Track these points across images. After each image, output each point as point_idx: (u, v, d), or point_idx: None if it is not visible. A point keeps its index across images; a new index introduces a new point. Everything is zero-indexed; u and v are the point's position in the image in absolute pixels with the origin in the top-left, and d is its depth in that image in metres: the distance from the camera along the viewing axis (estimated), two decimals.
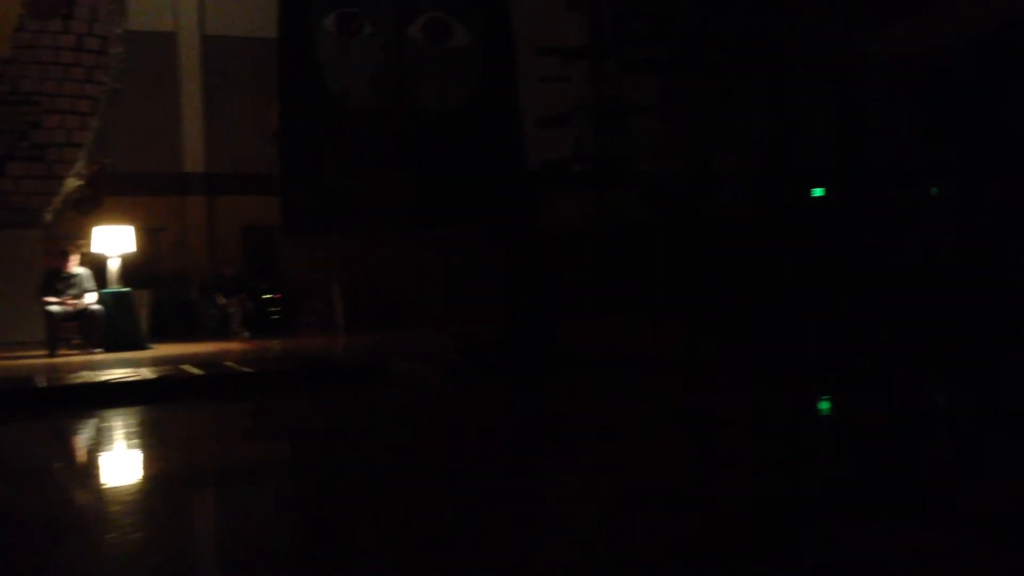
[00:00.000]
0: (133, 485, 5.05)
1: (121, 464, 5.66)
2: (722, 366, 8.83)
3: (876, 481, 4.42)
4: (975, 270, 11.98)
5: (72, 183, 12.75)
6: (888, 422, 5.91)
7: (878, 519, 3.72)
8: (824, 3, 15.52)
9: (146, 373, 8.67)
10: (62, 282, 11.07)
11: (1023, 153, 11.84)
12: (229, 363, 9.40)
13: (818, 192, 15.10)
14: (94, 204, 13.12)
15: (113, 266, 11.71)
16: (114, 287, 11.61)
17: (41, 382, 8.15)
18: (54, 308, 10.88)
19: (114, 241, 11.81)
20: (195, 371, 8.62)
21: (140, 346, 11.47)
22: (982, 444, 5.32)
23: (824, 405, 7.13)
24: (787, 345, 9.90)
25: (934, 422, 6.14)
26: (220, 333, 13.45)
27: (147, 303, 12.57)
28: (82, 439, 6.60)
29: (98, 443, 6.42)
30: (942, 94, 13.65)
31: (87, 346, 11.05)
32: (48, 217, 12.78)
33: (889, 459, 4.93)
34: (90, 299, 11.07)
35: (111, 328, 11.22)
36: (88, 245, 11.91)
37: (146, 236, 13.79)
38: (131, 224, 12.16)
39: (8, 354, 10.96)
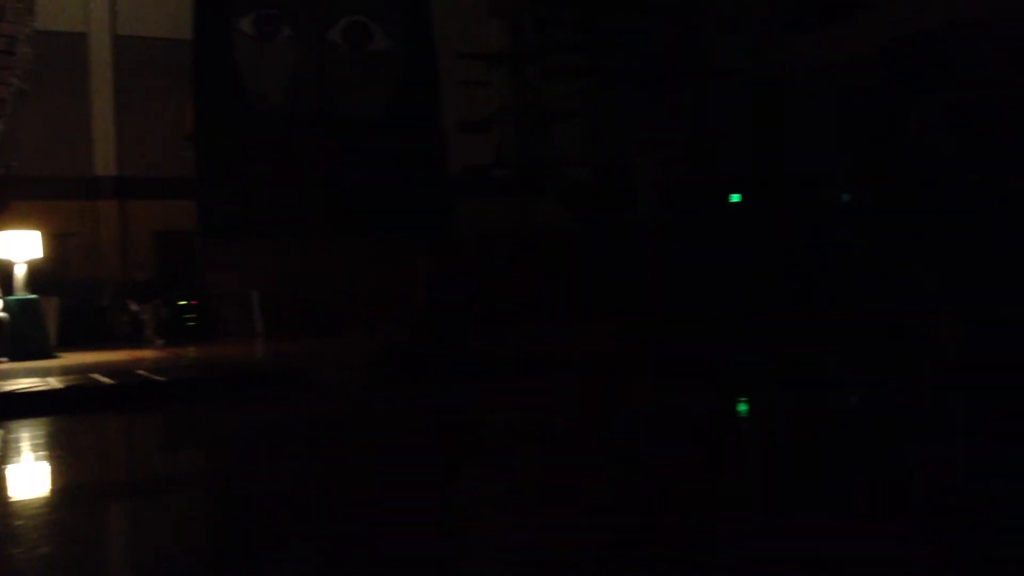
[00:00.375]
0: (39, 499, 4.86)
1: (26, 477, 5.44)
2: (641, 369, 8.93)
3: (790, 480, 4.50)
4: (882, 272, 12.35)
5: None
6: (800, 421, 6.04)
7: (794, 517, 3.78)
8: (741, 12, 15.87)
9: (53, 382, 8.36)
10: None
11: (928, 160, 12.26)
12: (141, 371, 9.13)
13: (735, 198, 15.40)
14: None
15: (19, 272, 11.31)
16: (20, 294, 11.21)
17: None
18: None
19: (20, 246, 11.41)
20: (105, 380, 8.35)
21: (48, 355, 11.08)
22: (892, 443, 5.47)
23: (741, 406, 7.26)
24: (704, 347, 10.05)
25: (846, 421, 6.29)
26: (133, 341, 13.08)
27: (56, 310, 12.16)
28: None
29: (2, 456, 6.17)
30: (854, 103, 14.07)
31: None
32: None
33: (804, 458, 5.03)
34: None
35: (17, 336, 10.83)
36: None
37: (54, 241, 13.34)
38: (38, 229, 11.76)
39: None
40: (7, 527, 4.16)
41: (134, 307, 13.40)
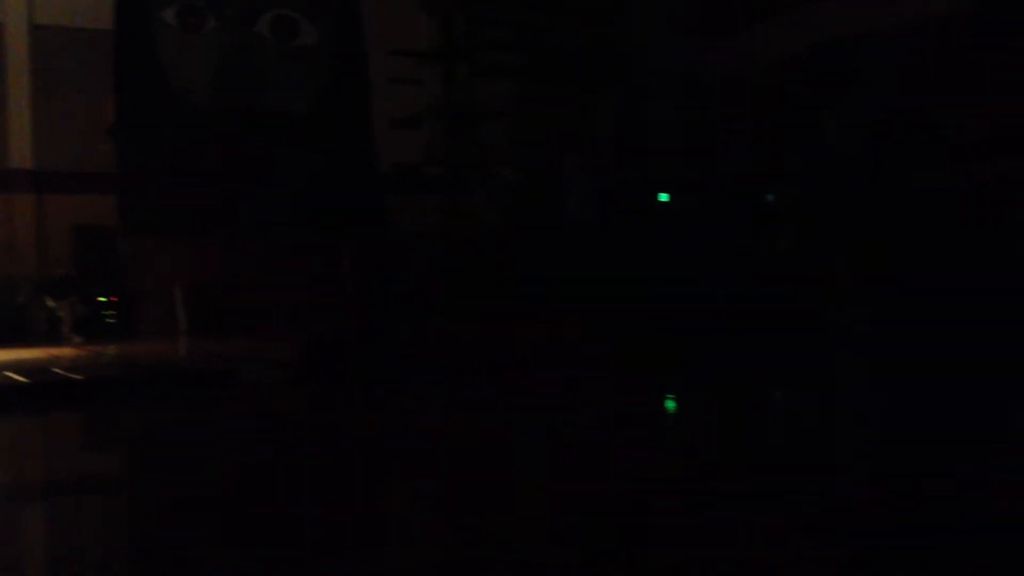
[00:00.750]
0: None
1: None
2: (567, 366, 8.98)
3: (711, 477, 4.57)
4: (805, 270, 12.63)
5: None
6: (721, 419, 6.14)
7: (719, 513, 3.84)
8: (671, 17, 16.09)
9: None
10: None
11: (844, 161, 12.60)
12: (57, 370, 8.87)
13: (663, 197, 15.61)
14: None
15: None
16: None
17: None
18: None
19: None
20: (19, 378, 8.10)
21: None
22: (817, 440, 5.60)
23: (666, 405, 7.35)
24: (634, 344, 10.16)
25: (771, 419, 6.42)
26: (50, 338, 12.72)
27: None
28: None
29: None
30: (776, 106, 14.38)
31: None
32: None
33: (725, 455, 5.11)
34: None
35: None
36: None
37: None
38: None
39: None
40: None
41: (51, 304, 13.03)
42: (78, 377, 8.31)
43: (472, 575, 3.23)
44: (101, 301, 14.02)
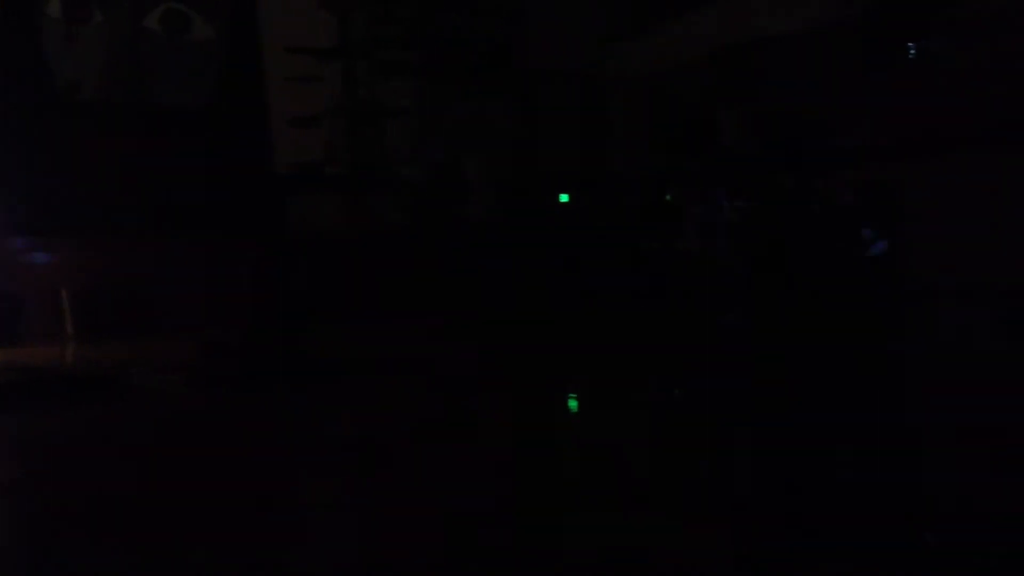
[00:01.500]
0: None
1: None
2: (470, 369, 8.99)
3: (613, 478, 4.64)
4: (702, 270, 12.94)
5: None
6: (618, 421, 6.24)
7: (619, 513, 3.90)
8: (569, 17, 16.26)
9: None
10: None
11: (738, 164, 12.96)
12: None
13: (564, 198, 15.75)
14: None
15: None
16: None
17: None
18: None
19: None
20: None
21: None
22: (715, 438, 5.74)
23: (562, 406, 7.42)
24: (534, 347, 10.23)
25: (666, 420, 6.55)
26: None
27: None
28: None
29: None
30: (674, 107, 14.69)
31: None
32: None
33: (604, 451, 5.20)
34: None
35: None
36: None
37: None
38: None
39: None
40: None
41: None
42: None
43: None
44: None
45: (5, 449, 6.35)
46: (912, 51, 11.77)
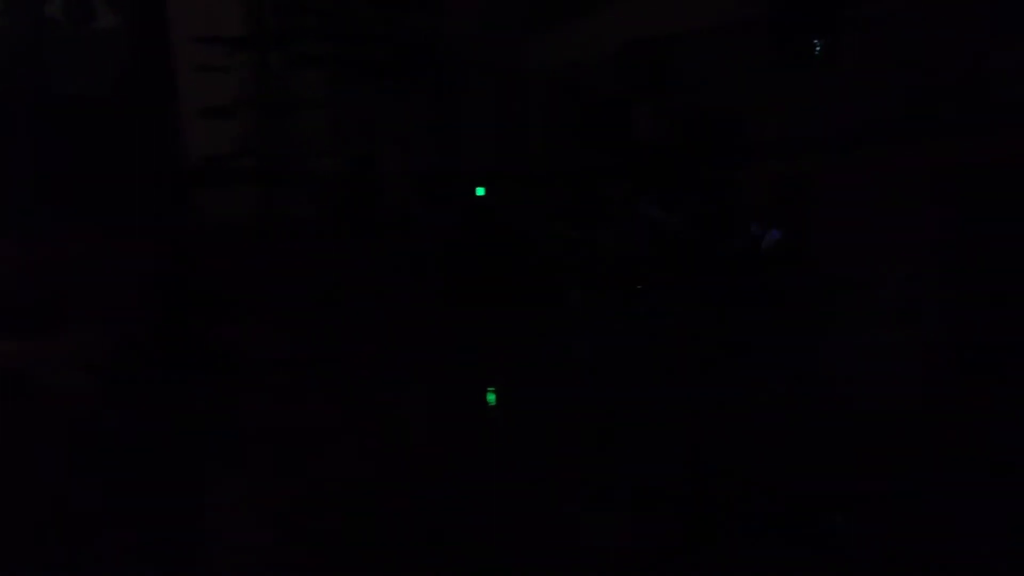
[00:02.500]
0: None
1: None
2: (382, 364, 8.93)
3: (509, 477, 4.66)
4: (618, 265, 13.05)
5: None
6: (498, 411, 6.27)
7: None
8: (487, 10, 16.22)
9: None
10: None
11: (648, 158, 13.12)
12: None
13: (480, 191, 15.72)
14: None
15: None
16: None
17: None
18: None
19: None
20: None
21: None
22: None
23: (477, 401, 7.42)
24: (445, 342, 10.21)
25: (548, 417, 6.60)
26: None
27: None
28: None
29: None
30: (590, 102, 14.78)
31: None
32: None
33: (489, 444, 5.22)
34: None
35: None
36: None
37: None
38: None
39: None
40: None
41: None
42: None
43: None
44: None
45: None
46: (818, 48, 12.07)
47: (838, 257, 10.79)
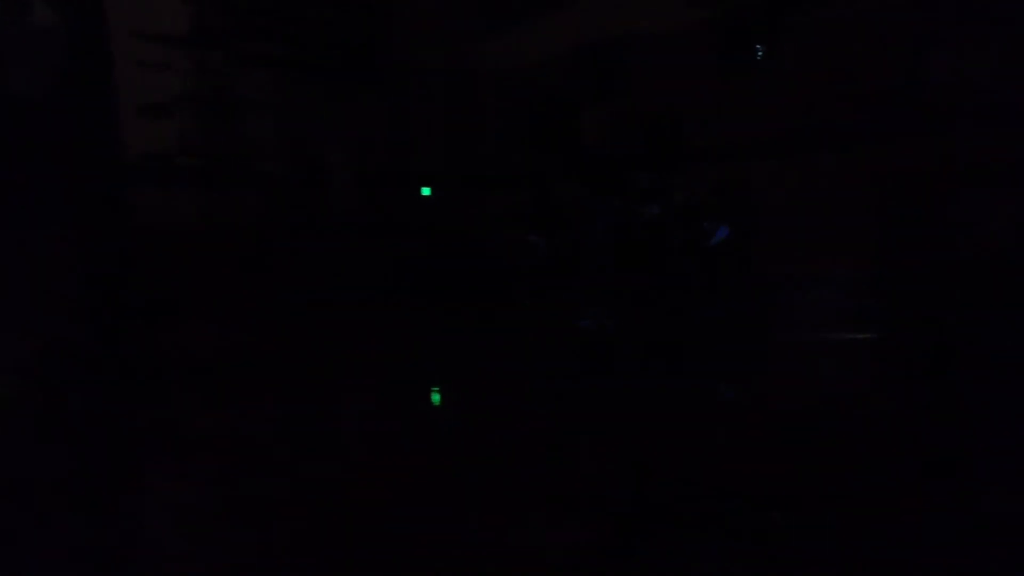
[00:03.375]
0: None
1: None
2: (328, 366, 8.84)
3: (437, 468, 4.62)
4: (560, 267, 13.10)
5: None
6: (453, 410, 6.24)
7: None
8: (437, 12, 16.16)
9: None
10: None
11: (595, 161, 13.19)
12: None
13: (426, 191, 15.67)
14: None
15: None
16: None
17: None
18: None
19: None
20: None
21: None
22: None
23: (423, 402, 7.37)
24: (391, 341, 10.13)
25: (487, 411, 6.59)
26: None
27: None
28: None
29: None
30: (538, 104, 14.81)
31: None
32: None
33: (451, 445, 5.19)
34: None
35: None
36: None
37: None
38: None
39: None
40: None
41: None
42: None
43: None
44: None
45: None
46: (760, 54, 12.22)
47: (779, 255, 10.93)
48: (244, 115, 16.19)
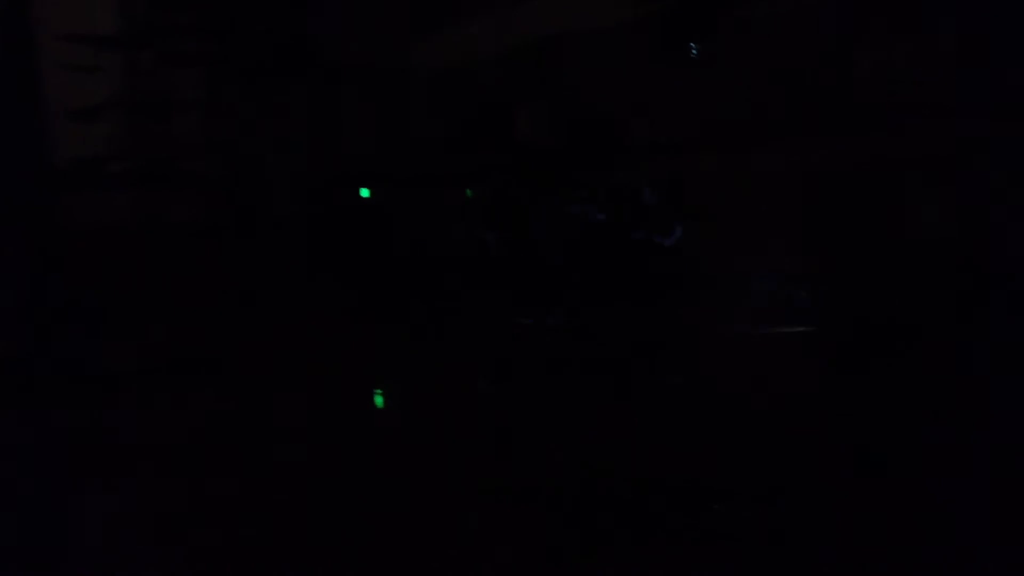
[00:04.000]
0: None
1: None
2: (264, 368, 8.74)
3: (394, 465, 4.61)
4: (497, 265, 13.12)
5: None
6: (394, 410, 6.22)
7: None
8: (371, 10, 16.03)
9: None
10: None
11: (530, 160, 13.23)
12: None
13: (365, 193, 15.53)
14: None
15: None
16: None
17: None
18: None
19: None
20: None
21: None
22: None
23: (378, 399, 7.34)
24: (331, 343, 10.06)
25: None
26: None
27: None
28: None
29: None
30: (471, 104, 14.78)
31: None
32: None
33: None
34: None
35: None
36: None
37: None
38: None
39: None
40: None
41: None
42: None
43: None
44: None
45: None
46: (695, 51, 12.35)
47: (718, 251, 11.08)
48: (176, 116, 15.86)
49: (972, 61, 9.48)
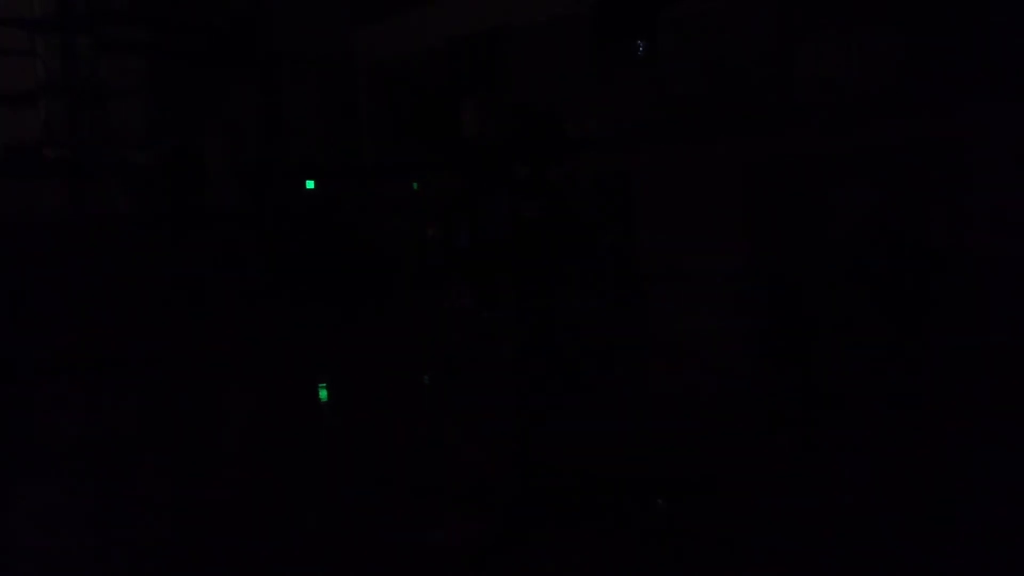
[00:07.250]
0: None
1: None
2: (203, 364, 8.60)
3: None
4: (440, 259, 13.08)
5: None
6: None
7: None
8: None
9: None
10: None
11: (473, 153, 13.20)
12: None
13: (310, 184, 15.34)
14: None
15: None
16: None
17: None
18: None
19: None
20: None
21: None
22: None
23: (323, 393, 7.24)
24: (270, 338, 9.94)
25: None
26: None
27: None
28: None
29: None
30: (416, 97, 14.69)
31: None
32: None
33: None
34: None
35: None
36: None
37: None
38: None
39: None
40: None
41: None
42: None
43: None
44: None
45: None
46: (639, 47, 12.41)
47: (659, 246, 11.15)
48: (113, 104, 15.54)
49: (913, 57, 9.63)
